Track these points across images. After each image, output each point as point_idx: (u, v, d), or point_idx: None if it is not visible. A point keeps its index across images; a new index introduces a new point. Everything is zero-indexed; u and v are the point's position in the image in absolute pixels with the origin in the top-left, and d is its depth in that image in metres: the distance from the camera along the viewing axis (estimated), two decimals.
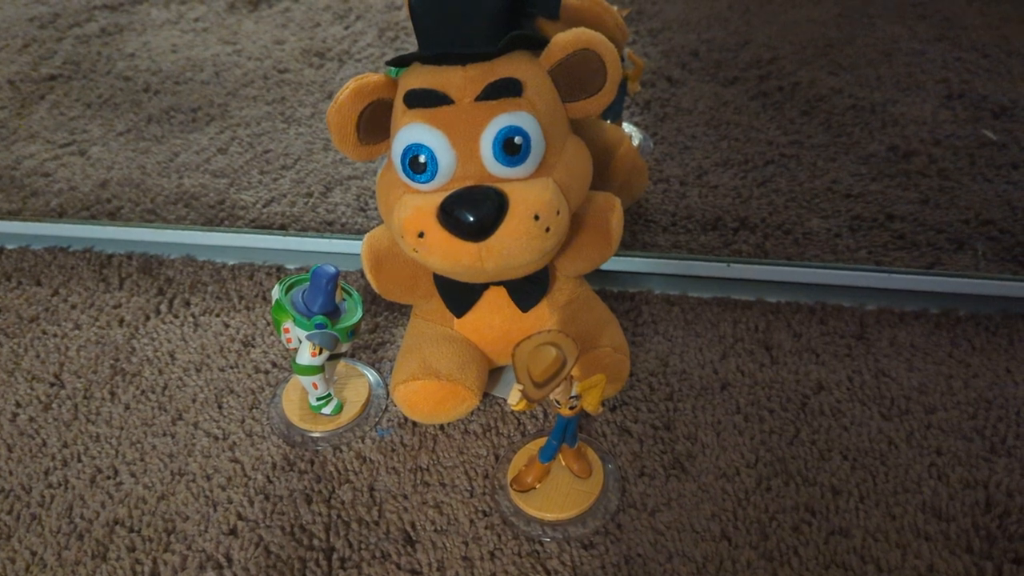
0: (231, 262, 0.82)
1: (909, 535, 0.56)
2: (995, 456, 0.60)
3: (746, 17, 1.19)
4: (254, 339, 0.73)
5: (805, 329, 0.71)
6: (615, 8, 0.72)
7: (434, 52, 0.53)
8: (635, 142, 0.91)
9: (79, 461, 0.63)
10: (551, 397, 0.52)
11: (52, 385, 0.70)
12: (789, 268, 0.76)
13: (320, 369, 0.61)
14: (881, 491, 0.58)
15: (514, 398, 0.50)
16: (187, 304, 0.77)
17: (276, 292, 0.61)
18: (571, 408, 0.53)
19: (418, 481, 0.60)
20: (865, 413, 0.64)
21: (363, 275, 0.78)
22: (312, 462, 0.62)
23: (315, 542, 0.57)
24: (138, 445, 0.64)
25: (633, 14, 1.20)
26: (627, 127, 0.95)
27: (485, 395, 0.66)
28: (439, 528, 0.57)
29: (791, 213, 0.83)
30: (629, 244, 0.80)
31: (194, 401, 0.68)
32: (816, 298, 0.74)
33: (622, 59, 0.70)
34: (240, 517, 0.59)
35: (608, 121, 0.80)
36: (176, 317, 0.76)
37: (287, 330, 0.60)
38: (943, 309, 0.73)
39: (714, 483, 0.59)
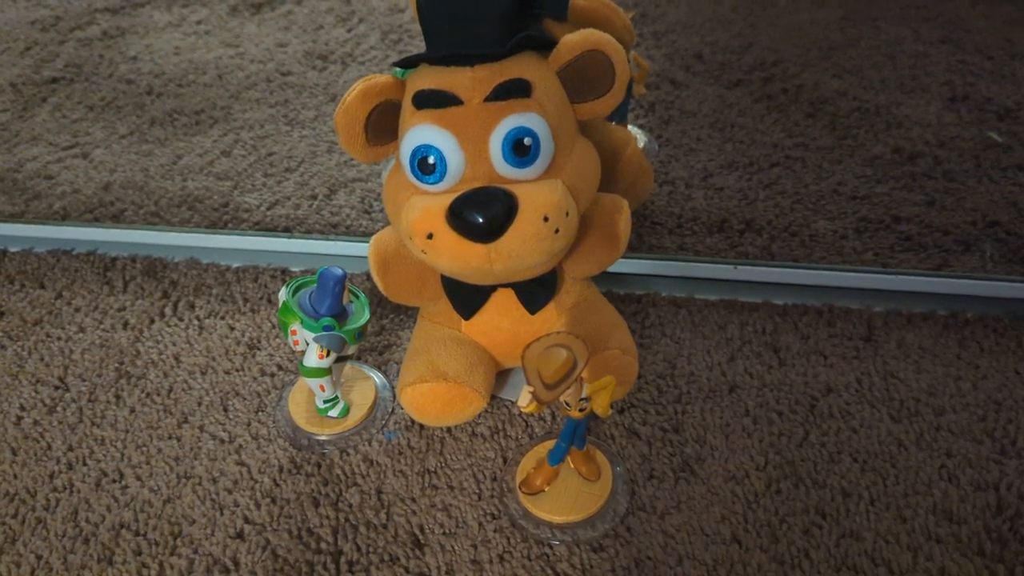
0: (235, 265, 0.82)
1: (920, 538, 0.55)
2: (1005, 458, 0.60)
3: (750, 20, 1.19)
4: (259, 342, 0.73)
5: (813, 331, 0.71)
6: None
7: (442, 53, 0.53)
8: (640, 144, 0.91)
9: (84, 465, 0.63)
10: (561, 399, 0.51)
11: (56, 388, 0.70)
12: (796, 270, 0.76)
13: (327, 371, 0.61)
14: (891, 493, 0.58)
15: (524, 400, 0.49)
16: (192, 307, 0.77)
17: (283, 294, 0.60)
18: (580, 410, 0.53)
19: (426, 484, 0.60)
20: (874, 415, 0.63)
21: (369, 277, 0.78)
22: (319, 465, 0.62)
23: (323, 545, 0.56)
24: (144, 448, 0.64)
25: (637, 17, 1.20)
26: (632, 129, 0.94)
27: (492, 397, 0.65)
28: (448, 531, 0.57)
29: (797, 215, 0.82)
30: (635, 246, 0.80)
31: (199, 404, 0.67)
32: (823, 300, 0.74)
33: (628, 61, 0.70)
34: (247, 520, 0.58)
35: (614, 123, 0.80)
36: (181, 320, 0.76)
37: (294, 332, 0.60)
38: (951, 311, 0.72)
39: (723, 486, 0.59)
